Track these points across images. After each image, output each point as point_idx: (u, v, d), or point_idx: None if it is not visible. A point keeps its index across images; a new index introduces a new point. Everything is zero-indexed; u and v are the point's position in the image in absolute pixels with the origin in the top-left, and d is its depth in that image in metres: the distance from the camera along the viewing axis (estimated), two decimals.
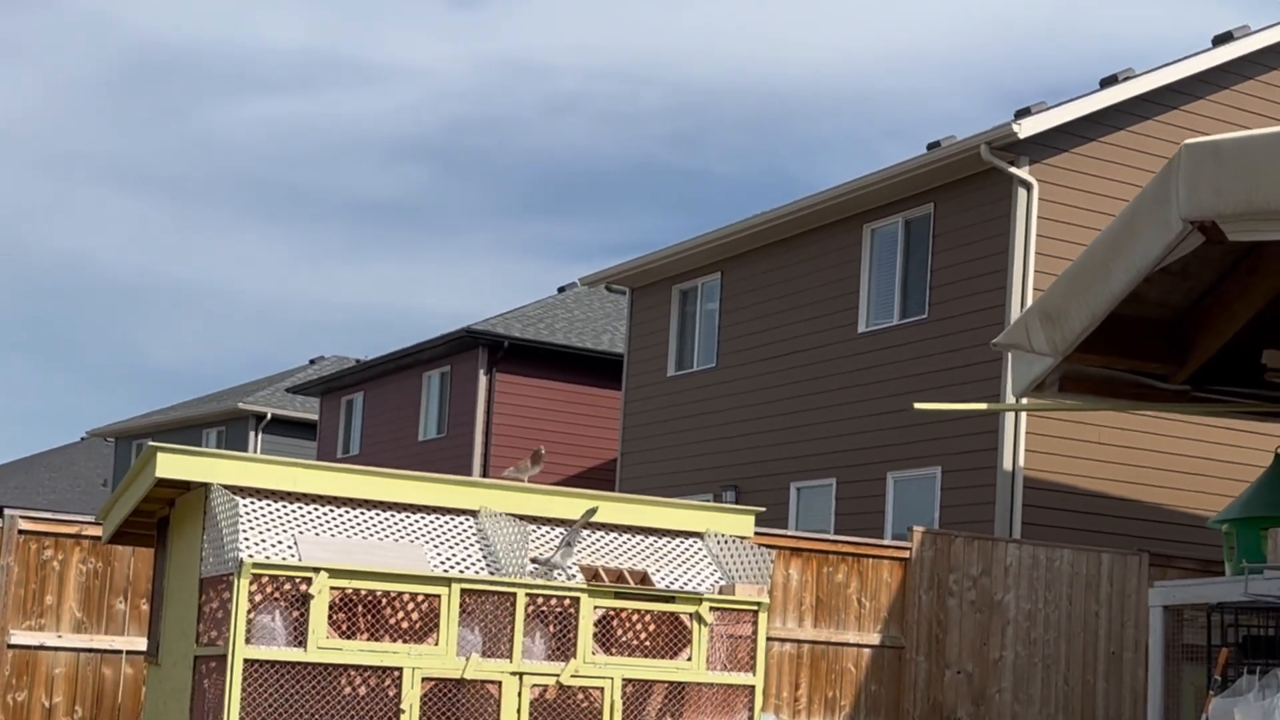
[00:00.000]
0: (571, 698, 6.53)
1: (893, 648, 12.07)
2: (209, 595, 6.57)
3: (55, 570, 9.41)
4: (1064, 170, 15.11)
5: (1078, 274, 9.42)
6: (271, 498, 6.70)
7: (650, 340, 20.54)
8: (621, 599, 6.66)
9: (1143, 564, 13.05)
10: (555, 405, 24.59)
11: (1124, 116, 15.39)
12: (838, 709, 11.84)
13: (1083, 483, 14.91)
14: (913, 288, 16.22)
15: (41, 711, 9.32)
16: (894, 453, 15.91)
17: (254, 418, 33.07)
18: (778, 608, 11.62)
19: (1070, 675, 12.71)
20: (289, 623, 6.18)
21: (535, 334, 24.78)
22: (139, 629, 9.47)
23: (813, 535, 12.13)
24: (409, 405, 26.61)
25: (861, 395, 16.51)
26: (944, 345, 15.50)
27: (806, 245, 17.78)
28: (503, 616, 6.45)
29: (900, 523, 15.48)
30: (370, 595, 6.34)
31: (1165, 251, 8.60)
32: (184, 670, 6.79)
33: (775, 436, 17.75)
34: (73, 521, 9.51)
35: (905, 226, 16.41)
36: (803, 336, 17.59)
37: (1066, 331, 9.60)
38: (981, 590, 12.43)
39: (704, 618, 6.74)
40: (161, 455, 6.54)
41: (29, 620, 9.33)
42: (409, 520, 6.92)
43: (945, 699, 12.22)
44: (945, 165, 15.46)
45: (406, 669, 6.19)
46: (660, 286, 20.41)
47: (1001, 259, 14.93)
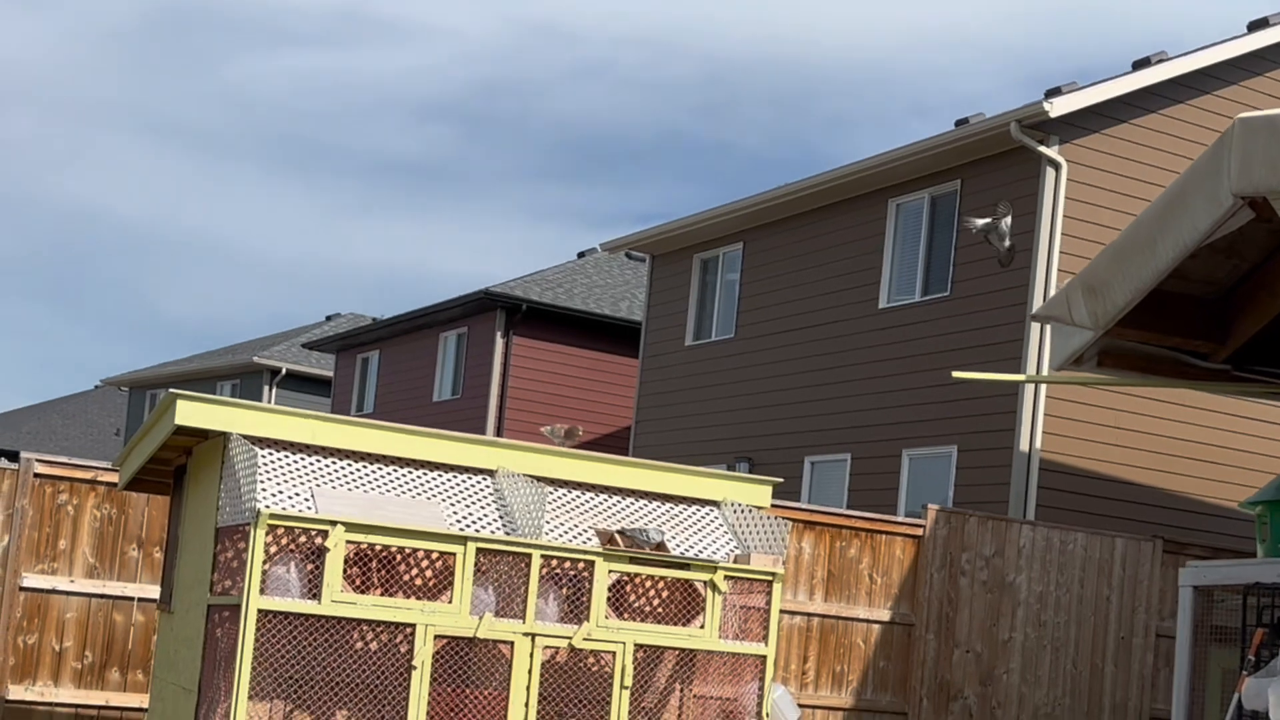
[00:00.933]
0: (583, 661, 6.52)
1: (902, 625, 12.05)
2: (224, 545, 6.56)
3: (69, 515, 9.41)
4: (1093, 151, 14.98)
5: (1123, 246, 9.31)
6: (290, 449, 6.68)
7: (669, 309, 20.48)
8: (636, 564, 6.63)
9: (1156, 550, 12.99)
10: (571, 370, 24.56)
11: (1156, 99, 15.25)
12: (845, 683, 11.83)
13: (1099, 466, 14.85)
14: (936, 264, 16.13)
15: (52, 655, 9.35)
16: (910, 430, 15.86)
17: (269, 372, 33.11)
18: (789, 580, 11.59)
19: (1079, 659, 12.68)
20: (304, 575, 6.17)
21: (554, 298, 24.73)
22: (151, 576, 9.48)
23: (826, 509, 12.09)
24: (424, 365, 26.60)
25: (880, 371, 16.45)
26: (966, 323, 15.42)
27: (830, 219, 17.68)
28: (517, 577, 6.43)
29: (914, 500, 15.44)
30: (385, 551, 6.32)
31: (1213, 226, 8.50)
32: (197, 619, 6.78)
33: (791, 410, 17.70)
34: (88, 467, 9.50)
35: (931, 203, 16.30)
36: (823, 310, 17.52)
37: (1109, 305, 9.50)
38: (994, 570, 12.39)
39: (718, 586, 6.71)
40: (181, 402, 6.52)
41: (42, 564, 9.34)
42: (426, 477, 6.89)
43: (953, 677, 12.20)
44: (974, 142, 15.34)
45: (419, 626, 6.18)
46: (681, 255, 20.32)
47: (1027, 238, 14.83)
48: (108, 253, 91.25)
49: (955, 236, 15.82)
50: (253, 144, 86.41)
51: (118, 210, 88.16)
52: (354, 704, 6.40)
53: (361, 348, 29.24)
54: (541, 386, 24.26)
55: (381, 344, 28.45)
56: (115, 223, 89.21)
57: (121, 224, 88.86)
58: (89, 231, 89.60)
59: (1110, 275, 9.45)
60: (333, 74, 78.38)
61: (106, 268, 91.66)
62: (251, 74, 79.23)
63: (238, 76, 79.77)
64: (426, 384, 26.44)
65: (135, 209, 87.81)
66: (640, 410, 20.71)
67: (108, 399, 46.11)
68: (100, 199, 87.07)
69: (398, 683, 6.18)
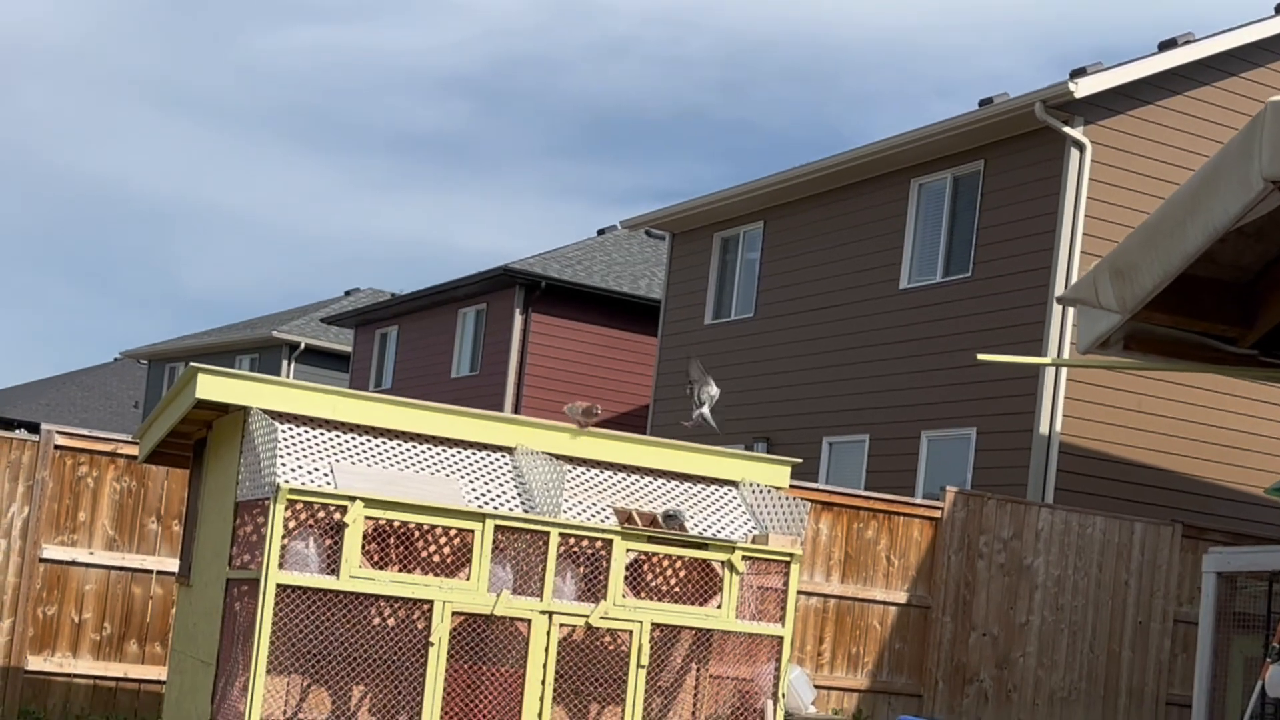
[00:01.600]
0: (599, 639, 6.51)
1: (919, 607, 12.03)
2: (243, 519, 6.57)
3: (89, 487, 9.44)
4: (1118, 133, 14.87)
5: (1152, 229, 9.23)
6: (310, 424, 6.67)
7: (689, 287, 20.43)
8: (654, 543, 6.62)
9: (1175, 535, 12.94)
10: (590, 348, 24.53)
11: (1181, 81, 15.13)
12: (860, 665, 11.82)
13: (1119, 450, 14.78)
14: (958, 245, 16.05)
15: (71, 626, 9.39)
16: (929, 412, 15.80)
17: (288, 346, 33.17)
18: (806, 562, 11.57)
19: (1096, 643, 12.65)
20: (322, 550, 6.17)
21: (573, 275, 24.69)
22: (170, 549, 9.50)
23: (844, 491, 12.07)
24: (443, 341, 26.61)
25: (900, 352, 16.39)
26: (987, 305, 15.35)
27: (852, 198, 17.60)
28: (535, 555, 6.42)
29: (932, 482, 15.39)
30: (404, 527, 6.32)
31: (1244, 210, 8.41)
32: (215, 592, 6.80)
33: (810, 390, 17.66)
34: (109, 439, 9.53)
35: (954, 183, 16.21)
36: (843, 290, 17.45)
37: (1137, 288, 9.41)
38: (1011, 553, 12.35)
39: (736, 566, 6.69)
40: (202, 376, 6.52)
41: (61, 535, 9.38)
42: (445, 454, 6.89)
43: (969, 660, 12.18)
44: (998, 122, 15.24)
45: (437, 602, 6.17)
46: (701, 233, 20.27)
47: (1050, 220, 14.74)
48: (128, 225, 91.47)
49: (978, 217, 15.73)
50: (274, 118, 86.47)
51: (138, 183, 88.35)
52: (371, 679, 6.41)
53: (380, 323, 29.27)
54: (560, 364, 24.25)
55: (400, 320, 28.47)
56: (136, 196, 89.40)
57: (142, 197, 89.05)
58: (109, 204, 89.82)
59: (1138, 258, 9.37)
60: (355, 48, 78.34)
61: (127, 240, 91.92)
62: (274, 48, 79.27)
63: (260, 50, 79.81)
64: (445, 360, 26.45)
65: (156, 182, 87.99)
66: (659, 389, 20.69)
67: (127, 371, 46.27)
68: (121, 172, 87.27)
69: (415, 659, 6.18)
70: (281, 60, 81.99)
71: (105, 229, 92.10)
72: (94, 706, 9.41)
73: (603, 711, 6.68)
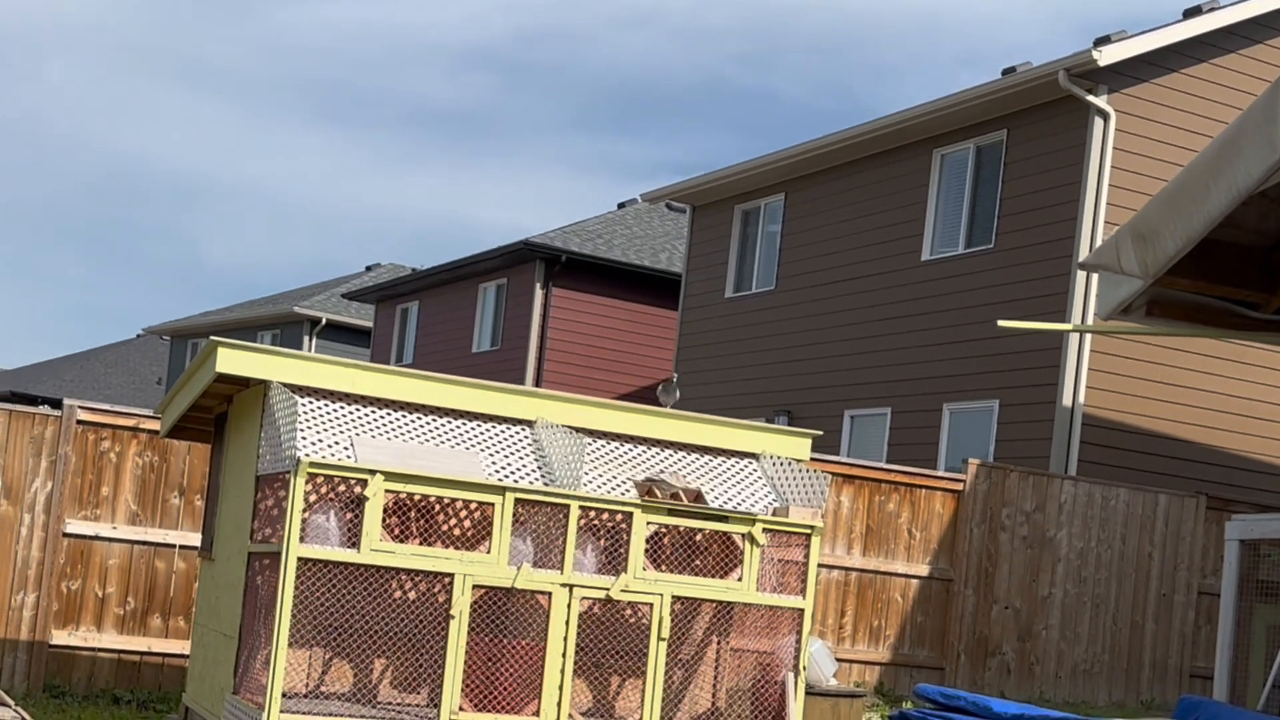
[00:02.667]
0: (620, 612, 6.50)
1: (941, 580, 11.99)
2: (265, 493, 6.57)
3: (112, 462, 9.47)
4: (1143, 101, 14.74)
5: (1175, 194, 9.14)
6: (330, 398, 6.67)
7: (709, 260, 20.37)
8: (674, 516, 6.60)
9: (1200, 506, 12.87)
10: (610, 322, 24.50)
11: (1206, 49, 14.98)
12: (882, 638, 11.80)
13: (1143, 422, 14.70)
14: (980, 216, 15.95)
15: (95, 601, 9.43)
16: (951, 384, 15.74)
17: (309, 322, 33.24)
18: (827, 535, 11.55)
19: (1119, 616, 12.61)
20: (343, 524, 6.17)
21: (593, 249, 24.65)
22: (193, 524, 9.53)
23: (866, 463, 12.03)
24: (464, 316, 26.62)
25: (922, 324, 16.31)
26: (1009, 276, 15.26)
27: (874, 169, 17.50)
28: (555, 528, 6.41)
29: (954, 455, 15.34)
30: (424, 500, 6.31)
31: (1267, 173, 8.32)
32: (237, 566, 6.81)
33: (831, 363, 17.60)
34: (130, 414, 9.55)
35: (976, 153, 16.11)
36: (865, 262, 17.38)
37: (1159, 253, 9.34)
38: (1034, 526, 12.31)
39: (757, 539, 6.67)
40: (222, 350, 6.52)
41: (85, 510, 9.41)
42: (465, 427, 6.88)
43: (991, 633, 12.15)
44: (1021, 91, 15.12)
45: (458, 575, 6.17)
46: (722, 206, 20.20)
47: (1074, 189, 14.64)
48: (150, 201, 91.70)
49: (1000, 188, 15.62)
50: (295, 92, 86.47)
51: (160, 159, 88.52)
52: (392, 652, 6.42)
53: (401, 298, 29.29)
54: (580, 338, 24.24)
55: (421, 295, 28.48)
56: (158, 171, 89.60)
57: (165, 173, 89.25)
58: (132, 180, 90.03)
59: (1161, 223, 9.28)
60: (376, 22, 78.25)
61: (149, 217, 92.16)
62: (294, 21, 79.19)
63: (281, 24, 79.74)
64: (465, 335, 26.47)
65: (178, 158, 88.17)
66: (680, 363, 20.66)
67: (150, 347, 46.45)
68: (143, 148, 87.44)
69: (435, 632, 6.18)
70: (302, 34, 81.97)
71: (127, 205, 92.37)
72: (118, 680, 9.46)
73: (623, 684, 6.68)
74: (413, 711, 6.27)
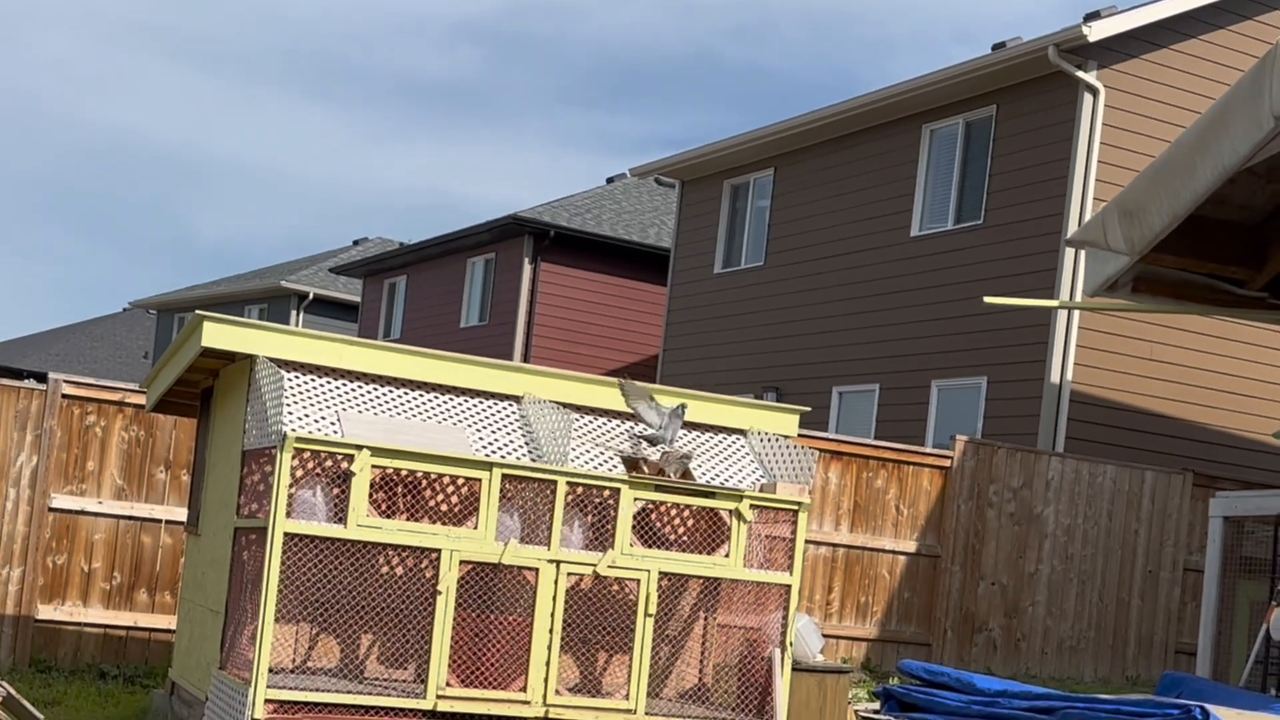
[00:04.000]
0: (607, 588, 6.49)
1: (928, 556, 12.02)
2: (251, 468, 6.55)
3: (97, 436, 9.43)
4: (1132, 77, 14.71)
5: (1161, 169, 9.14)
6: (316, 373, 6.64)
7: (698, 235, 20.33)
8: (662, 492, 6.59)
9: (1186, 483, 12.90)
10: (599, 297, 24.46)
11: (1196, 24, 14.95)
12: (869, 614, 11.83)
13: (1130, 399, 14.72)
14: (969, 192, 15.93)
15: (80, 575, 9.41)
16: (940, 360, 15.74)
17: (296, 296, 33.14)
18: (815, 511, 11.56)
19: (1105, 592, 12.64)
20: (329, 499, 6.15)
21: (582, 224, 24.58)
22: (179, 499, 9.50)
23: (854, 440, 12.03)
24: (452, 291, 26.55)
25: (910, 301, 16.30)
26: (998, 253, 15.25)
27: (863, 144, 17.46)
28: (542, 504, 6.39)
29: (942, 432, 15.35)
30: (411, 476, 6.29)
31: (1254, 150, 8.33)
32: (224, 541, 6.79)
33: (820, 339, 17.60)
34: (116, 388, 9.51)
35: (966, 128, 16.07)
36: (854, 238, 17.35)
37: (1145, 229, 9.34)
38: (1021, 502, 12.33)
39: (744, 515, 6.66)
40: (208, 324, 6.48)
41: (70, 485, 9.38)
42: (452, 402, 6.85)
43: (978, 610, 12.18)
44: (1011, 66, 15.08)
45: (445, 551, 6.16)
46: (711, 181, 20.14)
47: (1063, 165, 14.61)
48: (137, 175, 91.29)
49: (990, 163, 15.60)
50: (284, 66, 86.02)
51: (148, 132, 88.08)
52: (379, 628, 6.40)
53: (389, 273, 29.21)
54: (569, 313, 24.20)
55: (409, 269, 28.40)
56: (146, 145, 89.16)
57: (152, 146, 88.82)
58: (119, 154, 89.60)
59: (1147, 199, 9.28)
60: None
61: (136, 190, 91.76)
62: None
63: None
64: (453, 310, 26.41)
65: (165, 131, 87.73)
66: (668, 338, 20.64)
67: (136, 321, 46.31)
68: (131, 121, 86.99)
69: (423, 608, 6.17)
70: (293, 7, 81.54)
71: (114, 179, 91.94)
72: (104, 655, 9.44)
73: (610, 660, 6.68)
74: (400, 687, 6.26)
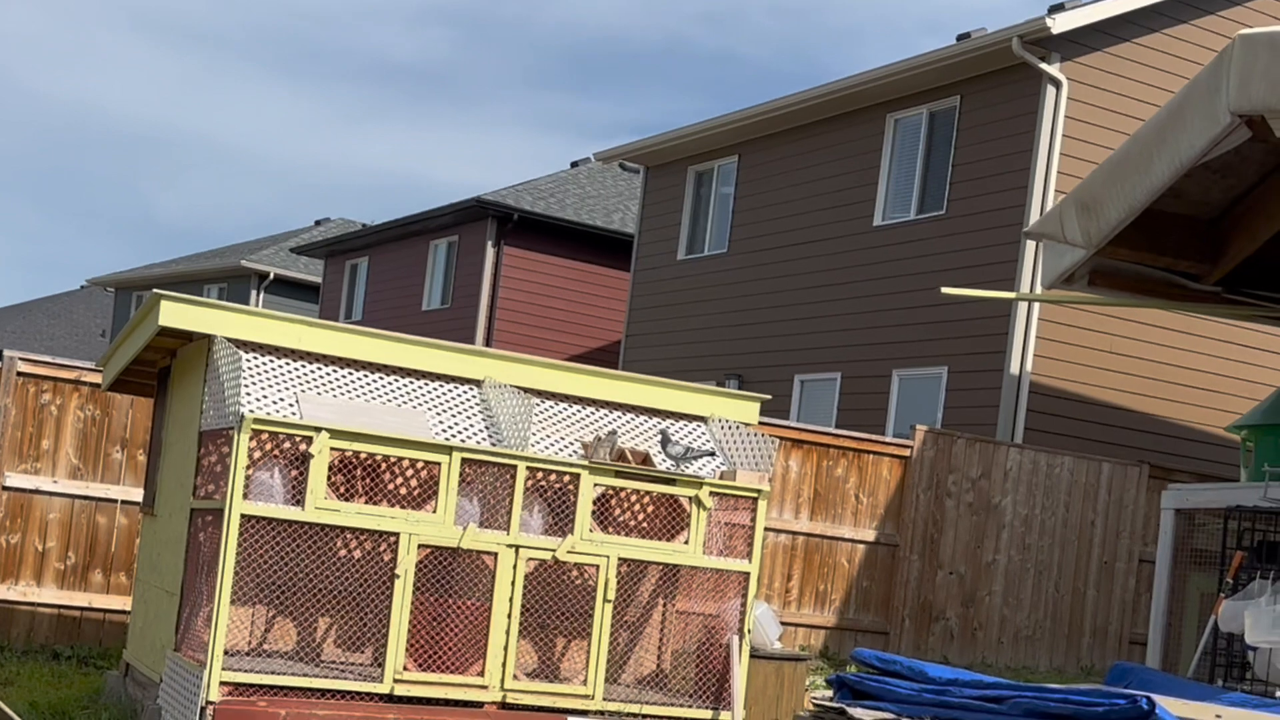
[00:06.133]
0: (566, 574, 6.48)
1: (887, 545, 12.07)
2: (208, 449, 6.49)
3: (53, 415, 9.33)
4: (1095, 70, 14.78)
5: (1118, 163, 9.19)
6: (275, 354, 6.59)
7: (662, 221, 20.31)
8: (622, 478, 6.58)
9: (1142, 475, 13.01)
10: (562, 282, 24.41)
11: (1159, 18, 15.04)
12: (828, 602, 11.87)
13: (1089, 390, 14.82)
14: (932, 182, 15.97)
15: (35, 555, 9.31)
16: (901, 350, 15.80)
17: (257, 276, 32.90)
18: (775, 499, 11.58)
19: (1061, 582, 12.74)
20: (287, 481, 6.10)
21: (545, 208, 24.52)
22: (135, 479, 9.42)
23: (814, 428, 12.05)
24: (414, 273, 26.44)
25: (872, 290, 16.35)
26: (961, 243, 15.30)
27: (828, 132, 17.48)
28: (502, 488, 6.37)
29: (903, 421, 15.41)
30: (370, 459, 6.26)
31: (1210, 145, 8.39)
32: (180, 522, 6.73)
33: (782, 327, 17.62)
34: (72, 367, 9.41)
35: (930, 118, 16.11)
36: (817, 227, 17.37)
37: (1102, 223, 9.41)
38: (980, 493, 12.39)
39: (704, 502, 6.67)
40: (165, 304, 6.41)
41: (24, 464, 9.28)
42: (412, 386, 6.81)
43: (936, 599, 12.24)
44: (975, 57, 15.12)
45: (403, 535, 6.13)
46: (676, 167, 20.12)
47: (1025, 157, 14.67)
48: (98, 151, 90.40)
49: (953, 154, 15.65)
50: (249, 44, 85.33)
51: (110, 108, 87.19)
52: (336, 611, 6.37)
53: (351, 254, 29.05)
54: (531, 297, 24.14)
55: (371, 250, 28.25)
56: (107, 121, 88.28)
57: (113, 122, 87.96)
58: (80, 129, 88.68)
59: (1104, 192, 9.34)
60: None
61: (97, 166, 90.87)
62: None
63: None
64: (416, 292, 26.30)
65: (127, 107, 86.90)
66: (631, 324, 20.62)
67: (94, 299, 45.89)
68: (93, 97, 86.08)
69: (380, 591, 6.14)
70: None
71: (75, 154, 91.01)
72: (58, 636, 9.35)
73: (569, 646, 6.67)
74: (357, 670, 6.23)
